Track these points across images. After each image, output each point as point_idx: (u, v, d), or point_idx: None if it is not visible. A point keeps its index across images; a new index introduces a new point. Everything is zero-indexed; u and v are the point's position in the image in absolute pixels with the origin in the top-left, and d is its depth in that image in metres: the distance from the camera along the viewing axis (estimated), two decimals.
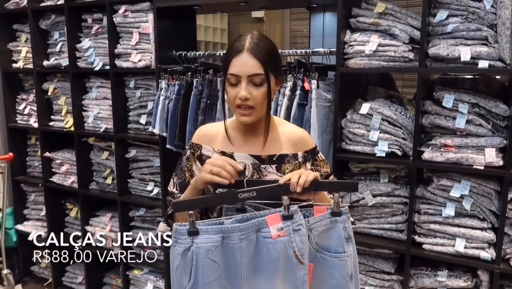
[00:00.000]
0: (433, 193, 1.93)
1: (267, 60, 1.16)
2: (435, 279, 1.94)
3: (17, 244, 3.25)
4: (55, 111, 2.98)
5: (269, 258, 1.11)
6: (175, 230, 1.10)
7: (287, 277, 1.12)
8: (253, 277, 1.12)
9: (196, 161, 1.29)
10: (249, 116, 1.19)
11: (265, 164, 1.25)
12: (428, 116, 1.92)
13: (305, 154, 1.30)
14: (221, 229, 1.09)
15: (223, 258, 1.10)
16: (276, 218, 1.11)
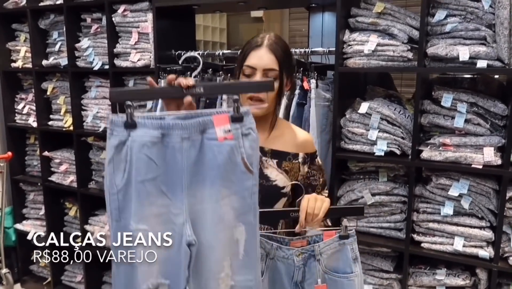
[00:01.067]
0: (432, 192, 1.94)
1: (283, 59, 1.24)
2: (433, 278, 1.95)
3: (16, 243, 3.25)
4: (54, 110, 2.98)
5: (213, 163, 1.00)
6: (110, 121, 0.98)
7: (234, 186, 1.03)
8: (195, 185, 1.02)
9: None
10: (260, 109, 1.23)
11: (266, 156, 1.30)
12: (427, 116, 1.93)
13: (305, 155, 1.34)
14: (161, 125, 0.98)
15: (162, 159, 0.99)
16: (223, 119, 1.00)
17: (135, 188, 0.99)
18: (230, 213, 1.04)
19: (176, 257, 1.02)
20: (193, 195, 1.02)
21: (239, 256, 1.06)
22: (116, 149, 0.98)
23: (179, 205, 1.01)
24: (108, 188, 1.00)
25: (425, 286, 1.98)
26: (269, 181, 1.29)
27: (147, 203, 1.00)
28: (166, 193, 1.01)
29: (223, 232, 1.04)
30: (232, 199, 1.03)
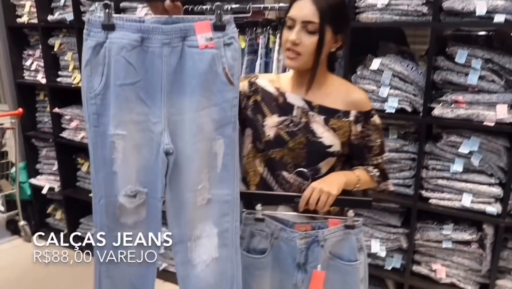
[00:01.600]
0: (442, 149, 1.94)
1: (326, 11, 1.14)
2: (440, 232, 2.00)
3: (32, 197, 3.34)
4: (62, 67, 2.96)
5: (194, 71, 0.99)
6: (87, 20, 0.97)
7: (214, 97, 1.02)
8: (175, 94, 1.01)
9: (243, 81, 1.30)
10: (294, 61, 1.19)
11: (314, 111, 1.24)
12: (440, 72, 1.89)
13: (358, 114, 1.25)
14: (140, 28, 0.96)
15: (141, 65, 0.98)
16: (205, 26, 0.98)
17: (114, 92, 0.98)
18: (209, 125, 1.03)
19: (154, 166, 1.03)
20: (172, 104, 1.01)
21: (217, 170, 1.06)
22: (94, 51, 0.96)
23: (158, 113, 1.01)
24: (85, 92, 0.99)
25: (432, 240, 2.03)
26: (315, 137, 1.23)
27: (125, 108, 0.99)
28: (145, 100, 1.00)
29: (201, 143, 1.04)
30: (212, 110, 1.03)
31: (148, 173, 1.04)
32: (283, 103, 1.26)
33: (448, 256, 2.03)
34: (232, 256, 1.12)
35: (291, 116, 1.24)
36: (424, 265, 2.08)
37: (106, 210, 1.05)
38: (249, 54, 2.17)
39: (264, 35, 2.11)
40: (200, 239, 1.09)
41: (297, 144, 1.23)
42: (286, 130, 1.23)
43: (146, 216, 1.07)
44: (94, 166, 1.04)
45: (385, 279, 2.18)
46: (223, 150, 1.06)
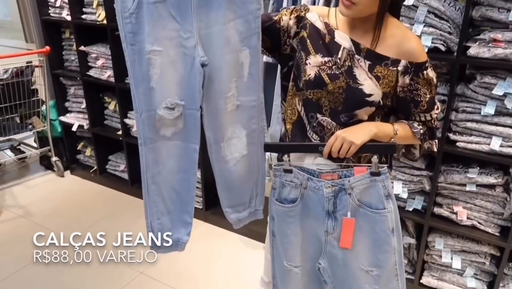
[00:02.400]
0: (474, 91, 1.87)
1: None
2: (465, 176, 1.98)
3: (62, 134, 3.46)
4: (86, 3, 2.93)
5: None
6: None
7: (239, 10, 1.09)
8: (203, 8, 1.07)
9: (292, 14, 1.26)
10: (348, 9, 1.13)
11: (360, 55, 1.19)
12: (480, 8, 1.78)
13: (408, 64, 1.19)
14: None
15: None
16: None
17: (148, 10, 1.02)
18: (236, 36, 1.11)
19: (191, 79, 1.11)
20: (200, 19, 1.07)
21: (243, 79, 1.17)
22: None
23: (189, 28, 1.07)
24: (120, 12, 1.04)
25: (455, 184, 2.02)
26: (356, 83, 1.19)
27: (160, 25, 1.04)
28: (176, 17, 1.05)
29: (229, 55, 1.12)
30: (237, 22, 1.09)
31: (184, 86, 1.12)
32: (329, 42, 1.21)
33: (471, 199, 2.02)
34: (258, 151, 1.29)
35: (335, 58, 1.20)
36: (446, 207, 2.09)
37: (148, 122, 1.15)
38: None
39: None
40: (232, 139, 1.23)
41: (336, 88, 1.20)
42: (328, 72, 1.20)
43: (184, 126, 1.17)
44: (134, 82, 1.11)
45: (405, 219, 2.20)
46: (249, 60, 1.14)
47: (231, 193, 1.32)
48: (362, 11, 1.14)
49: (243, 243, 2.68)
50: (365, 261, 1.23)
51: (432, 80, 1.23)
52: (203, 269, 2.43)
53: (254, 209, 1.37)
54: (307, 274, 1.33)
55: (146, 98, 1.11)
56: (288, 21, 1.25)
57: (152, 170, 1.20)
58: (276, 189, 1.28)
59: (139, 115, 1.14)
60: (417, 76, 1.20)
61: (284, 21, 1.26)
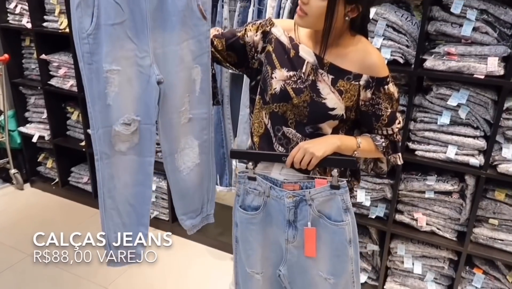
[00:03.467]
0: (431, 102, 1.96)
1: None
2: (424, 183, 2.06)
3: (22, 145, 3.34)
4: (48, 11, 2.86)
5: (174, 8, 1.13)
6: None
7: (191, 31, 1.18)
8: (158, 29, 1.14)
9: (258, 30, 1.29)
10: (300, 19, 1.17)
11: (323, 69, 1.21)
12: (435, 23, 1.87)
13: (370, 79, 1.20)
14: None
15: (127, 5, 1.09)
16: None
17: (106, 31, 1.08)
18: (189, 55, 1.20)
19: (147, 96, 1.18)
20: (155, 39, 1.15)
21: (196, 93, 1.26)
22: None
23: (145, 48, 1.14)
24: (77, 33, 1.08)
25: (415, 191, 2.09)
26: (319, 97, 1.21)
27: (118, 45, 1.11)
28: (132, 37, 1.12)
29: (183, 72, 1.21)
30: (190, 42, 1.19)
31: (140, 102, 1.19)
32: (294, 56, 1.23)
33: (430, 205, 2.10)
34: (209, 159, 1.40)
35: (300, 72, 1.22)
36: (407, 214, 2.16)
37: (104, 138, 1.19)
38: (242, 1, 2.11)
39: None
40: (185, 150, 1.32)
41: (301, 102, 1.22)
42: (293, 86, 1.22)
43: (139, 141, 1.22)
44: (90, 100, 1.15)
45: (369, 227, 2.26)
46: (200, 76, 1.24)
47: (185, 200, 1.41)
48: (314, 23, 1.16)
49: (210, 254, 2.66)
50: (324, 269, 1.26)
51: (393, 95, 1.25)
52: (172, 281, 2.40)
53: (206, 214, 1.48)
54: (268, 280, 1.35)
55: (103, 115, 1.16)
56: (253, 36, 1.28)
57: (108, 184, 1.24)
58: (240, 196, 1.30)
59: (95, 131, 1.18)
60: (378, 90, 1.22)
61: (249, 37, 1.28)
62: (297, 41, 1.25)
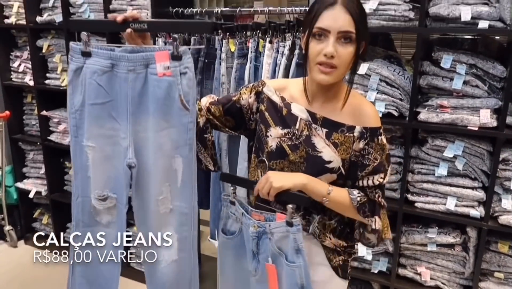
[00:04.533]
0: (427, 153, 1.97)
1: (360, 19, 1.10)
2: (425, 236, 2.02)
3: (18, 201, 3.30)
4: (51, 69, 2.94)
5: (154, 96, 1.13)
6: (71, 47, 1.13)
7: (172, 120, 1.16)
8: (140, 113, 1.15)
9: (251, 91, 1.29)
10: (329, 75, 1.12)
11: (317, 124, 1.21)
12: (426, 77, 1.93)
13: (363, 130, 1.19)
14: (110, 56, 1.11)
15: (111, 88, 1.13)
16: (164, 56, 1.11)
17: (87, 109, 1.14)
18: (168, 144, 1.18)
19: (120, 176, 1.19)
20: (138, 122, 1.16)
21: (177, 184, 1.21)
22: (75, 73, 1.13)
23: (125, 130, 1.16)
24: (68, 107, 1.16)
25: (417, 244, 2.06)
26: (315, 151, 1.20)
27: (95, 124, 1.15)
28: (116, 118, 1.17)
29: (161, 160, 1.18)
30: (171, 131, 1.17)
31: (117, 181, 1.20)
32: (286, 114, 1.24)
33: (433, 259, 2.05)
34: (190, 259, 1.27)
35: (293, 129, 1.22)
36: (410, 268, 2.10)
37: (82, 207, 1.21)
38: (239, 58, 2.18)
39: (254, 39, 2.13)
40: (163, 242, 1.25)
41: (297, 158, 1.22)
42: (288, 144, 1.22)
43: (116, 218, 1.23)
44: (74, 169, 1.21)
45: (372, 282, 2.19)
46: (181, 168, 1.20)
47: None
48: (342, 74, 1.15)
49: None
50: None
51: (385, 147, 1.22)
52: None
53: None
54: None
55: (83, 185, 1.19)
56: (248, 99, 1.29)
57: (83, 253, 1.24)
58: (223, 219, 1.31)
59: (75, 199, 1.21)
60: (372, 140, 1.20)
61: (244, 100, 1.29)
62: (289, 101, 1.25)
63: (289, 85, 1.29)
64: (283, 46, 2.06)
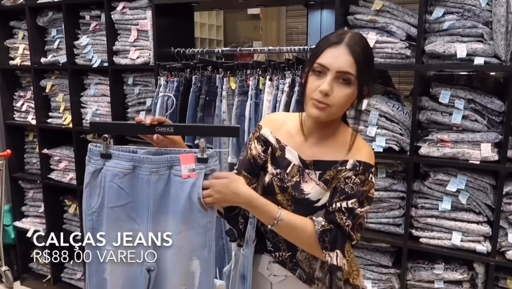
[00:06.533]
0: (430, 188, 1.96)
1: (362, 63, 1.08)
2: (432, 272, 1.98)
3: (15, 241, 3.25)
4: (53, 108, 2.98)
5: (176, 198, 1.12)
6: (89, 149, 1.12)
7: (191, 222, 1.14)
8: (160, 215, 1.14)
9: (254, 140, 1.28)
10: (321, 111, 1.10)
11: (309, 168, 1.19)
12: (425, 112, 1.95)
13: (357, 163, 1.14)
14: (133, 158, 1.11)
15: (132, 188, 1.11)
16: (190, 158, 1.11)
17: (106, 212, 1.12)
18: (187, 246, 1.16)
19: (138, 279, 1.16)
20: (158, 224, 1.14)
21: (194, 287, 1.18)
22: (92, 175, 1.12)
23: (145, 231, 1.14)
24: (84, 209, 1.14)
25: (424, 281, 2.01)
26: (302, 194, 1.19)
27: (115, 226, 1.13)
28: (135, 218, 1.14)
29: (180, 263, 1.16)
30: (189, 233, 1.15)
31: (134, 284, 1.18)
32: (280, 156, 1.24)
33: None
34: None
35: (284, 172, 1.21)
36: None
37: None
38: (239, 96, 2.22)
39: (254, 77, 2.17)
40: None
41: (284, 200, 1.21)
42: (278, 184, 1.22)
43: None
44: (89, 273, 1.17)
45: None
46: (199, 270, 1.18)
47: None
48: (335, 113, 1.13)
49: None
50: None
51: (372, 185, 1.17)
52: None
53: None
54: None
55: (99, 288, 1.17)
56: (256, 146, 1.27)
57: None
58: None
59: None
60: (363, 174, 1.14)
61: (254, 150, 1.27)
62: (284, 143, 1.24)
63: (287, 121, 1.28)
64: (283, 83, 2.10)
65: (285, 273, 1.26)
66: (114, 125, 1.30)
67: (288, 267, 1.25)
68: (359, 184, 1.14)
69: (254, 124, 2.16)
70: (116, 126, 1.31)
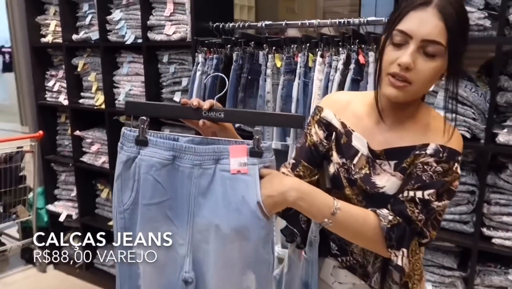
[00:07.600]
0: (507, 181, 1.70)
1: (455, 30, 0.87)
2: (505, 277, 1.74)
3: (48, 224, 3.19)
4: (85, 88, 2.86)
5: (225, 198, 0.89)
6: (123, 134, 0.94)
7: (246, 232, 0.89)
8: (203, 219, 0.92)
9: (315, 125, 1.08)
10: (399, 90, 0.90)
11: (381, 159, 1.00)
12: (504, 94, 1.68)
13: (440, 148, 0.94)
14: (173, 146, 0.92)
15: (171, 183, 0.92)
16: (241, 150, 0.90)
17: (140, 210, 0.94)
18: (240, 260, 0.92)
19: (175, 286, 0.96)
20: (199, 230, 0.93)
21: None
22: (125, 165, 0.93)
23: (184, 235, 0.93)
24: (115, 205, 0.96)
25: (495, 287, 1.77)
26: (375, 188, 0.99)
27: (149, 227, 0.94)
28: (173, 219, 0.94)
29: (229, 277, 0.94)
30: (243, 245, 0.90)
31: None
32: (345, 143, 1.03)
33: None
34: None
35: (350, 163, 1.02)
36: None
37: None
38: (286, 74, 1.99)
39: (303, 53, 1.94)
40: None
41: (354, 194, 1.02)
42: (345, 175, 1.03)
43: None
44: (120, 279, 1.00)
45: None
46: (255, 286, 0.94)
47: None
48: (417, 93, 0.94)
49: None
50: None
51: (457, 177, 0.96)
52: None
53: None
54: None
55: None
56: (317, 131, 1.08)
57: None
58: None
59: None
60: (447, 162, 0.93)
61: (314, 136, 1.08)
62: (350, 128, 1.04)
63: (353, 101, 1.08)
64: (336, 60, 1.86)
65: (353, 280, 1.08)
66: (154, 106, 1.05)
67: (358, 273, 1.07)
68: (441, 173, 0.93)
69: (302, 106, 1.94)
70: (156, 108, 1.05)
